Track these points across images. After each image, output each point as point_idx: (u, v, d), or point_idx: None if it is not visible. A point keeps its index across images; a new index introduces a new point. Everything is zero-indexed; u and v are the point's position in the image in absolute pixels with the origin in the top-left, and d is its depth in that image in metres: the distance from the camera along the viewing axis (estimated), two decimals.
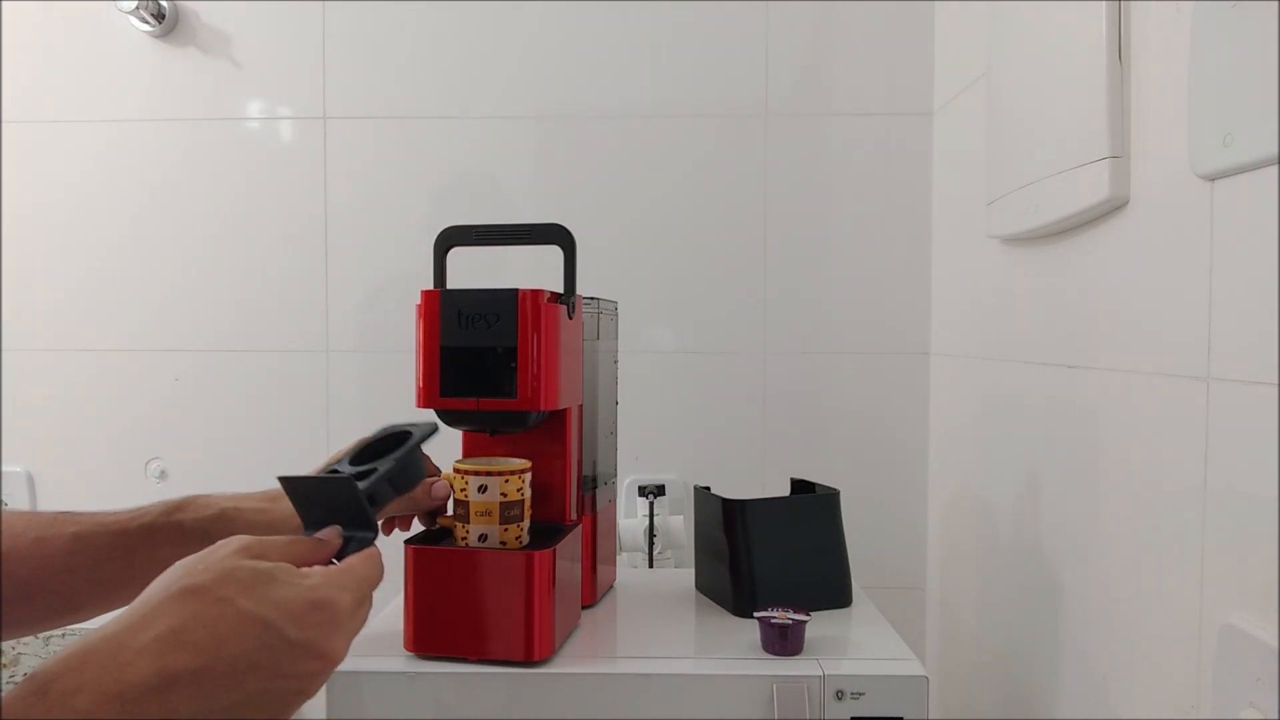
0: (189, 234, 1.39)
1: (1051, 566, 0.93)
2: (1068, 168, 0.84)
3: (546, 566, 0.82)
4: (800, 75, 1.35)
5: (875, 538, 1.35)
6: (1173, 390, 0.71)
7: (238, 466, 1.39)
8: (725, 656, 0.85)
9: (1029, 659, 0.99)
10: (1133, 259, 0.77)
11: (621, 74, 1.36)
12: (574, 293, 0.91)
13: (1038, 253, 0.97)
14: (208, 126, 1.38)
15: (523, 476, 0.85)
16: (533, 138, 1.37)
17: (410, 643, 0.83)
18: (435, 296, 0.86)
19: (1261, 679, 0.58)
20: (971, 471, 1.18)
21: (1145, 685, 0.75)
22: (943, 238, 1.31)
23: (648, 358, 1.36)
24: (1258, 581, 0.60)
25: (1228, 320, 0.64)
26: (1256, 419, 0.60)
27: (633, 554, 1.31)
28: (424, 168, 1.37)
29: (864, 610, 1.02)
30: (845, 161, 1.35)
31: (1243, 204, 0.62)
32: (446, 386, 0.85)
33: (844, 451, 1.36)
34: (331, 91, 1.37)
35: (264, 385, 1.39)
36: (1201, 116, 0.65)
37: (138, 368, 1.39)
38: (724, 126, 1.35)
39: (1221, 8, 0.62)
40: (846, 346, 1.36)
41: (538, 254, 0.96)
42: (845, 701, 0.80)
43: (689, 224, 1.36)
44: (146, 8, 1.32)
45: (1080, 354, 0.87)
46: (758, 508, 1.00)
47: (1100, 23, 0.79)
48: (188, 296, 1.39)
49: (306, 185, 1.38)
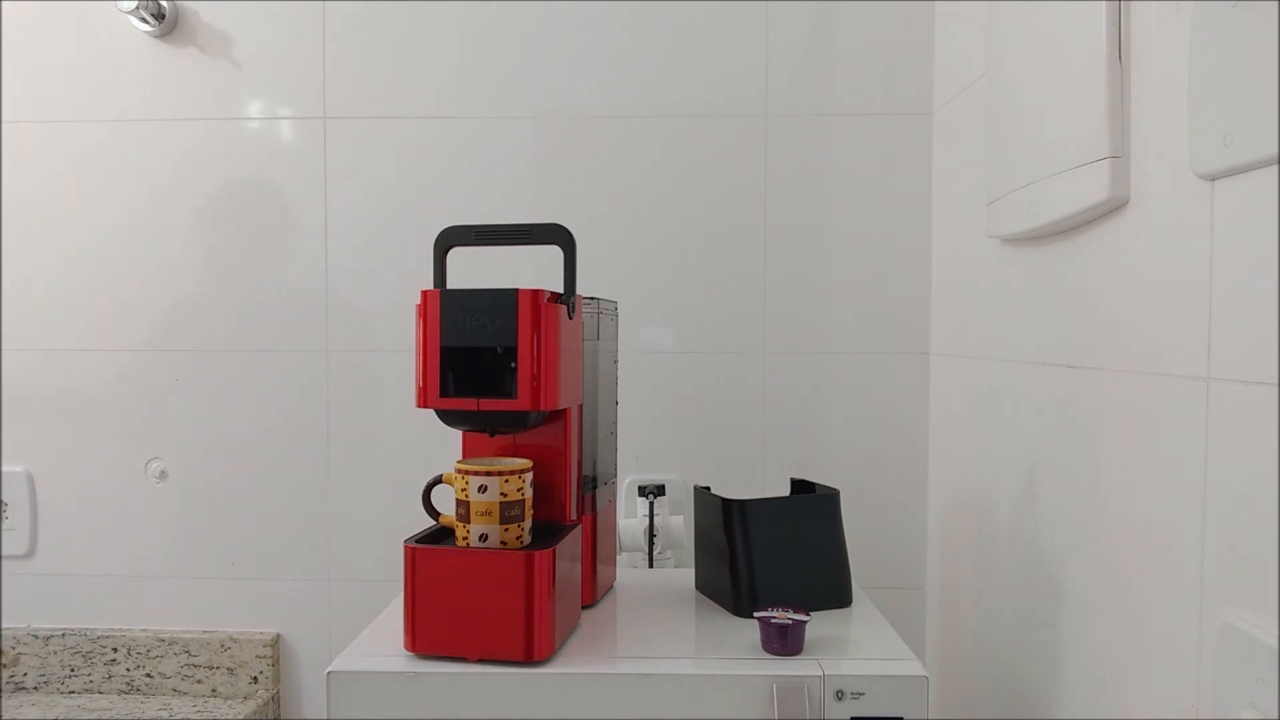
0: (189, 234, 1.39)
1: (1051, 566, 0.93)
2: (1068, 168, 0.84)
3: (546, 566, 0.82)
4: (800, 75, 1.35)
5: (875, 538, 1.35)
6: (1173, 390, 0.71)
7: (238, 467, 1.39)
8: (725, 656, 0.85)
9: (1029, 659, 0.99)
10: (1133, 259, 0.77)
11: (621, 74, 1.36)
12: (574, 293, 0.91)
13: (1038, 253, 0.97)
14: (208, 126, 1.38)
15: (523, 476, 0.85)
16: (532, 138, 1.37)
17: (410, 643, 0.84)
18: (435, 296, 0.86)
19: (1261, 679, 0.58)
20: (971, 471, 1.18)
21: (1145, 685, 0.75)
22: (943, 238, 1.31)
23: (648, 358, 1.36)
24: (1258, 581, 0.60)
25: (1228, 320, 0.64)
26: (1256, 419, 0.60)
27: (633, 554, 1.31)
28: (424, 168, 1.37)
29: (864, 610, 1.02)
30: (845, 161, 1.35)
31: (1243, 204, 0.62)
32: (446, 386, 0.86)
33: (844, 451, 1.36)
34: (331, 91, 1.37)
35: (264, 385, 1.39)
36: (1201, 116, 0.65)
37: (138, 368, 1.39)
38: (724, 126, 1.35)
39: (1221, 8, 0.62)
40: (846, 346, 1.36)
41: (538, 254, 0.96)
42: (845, 701, 0.80)
43: (689, 224, 1.36)
44: (146, 8, 1.32)
45: (1080, 354, 0.87)
46: (758, 508, 1.00)
47: (1100, 23, 0.79)
48: (188, 296, 1.39)
49: (306, 185, 1.38)
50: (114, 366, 1.39)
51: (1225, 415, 0.64)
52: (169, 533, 1.40)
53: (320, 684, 1.38)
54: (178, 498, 1.39)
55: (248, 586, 1.39)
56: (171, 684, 1.38)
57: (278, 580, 1.39)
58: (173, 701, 1.36)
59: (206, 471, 1.39)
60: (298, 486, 1.39)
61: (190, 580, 1.40)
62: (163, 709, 1.33)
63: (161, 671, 1.38)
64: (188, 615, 1.40)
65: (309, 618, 1.40)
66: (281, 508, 1.39)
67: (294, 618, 1.40)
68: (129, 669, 1.38)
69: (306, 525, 1.39)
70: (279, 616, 1.40)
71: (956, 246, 1.25)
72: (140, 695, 1.38)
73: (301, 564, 1.39)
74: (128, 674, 1.38)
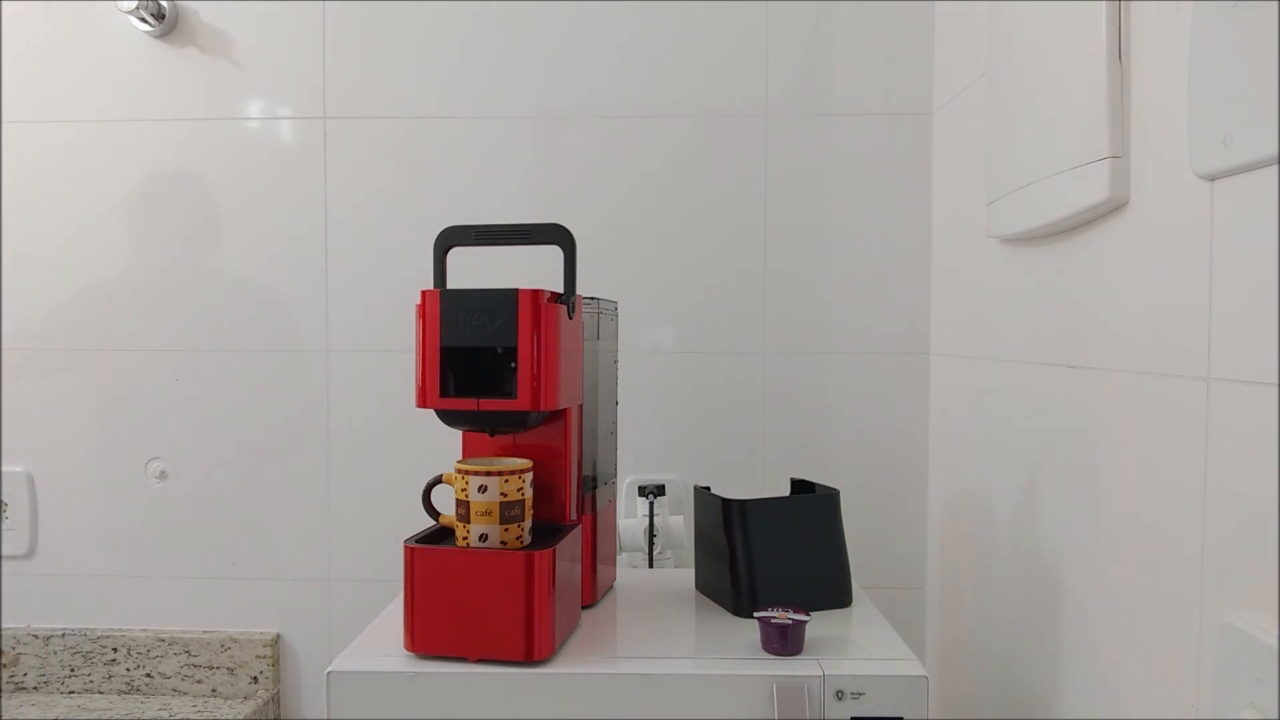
0: (189, 234, 1.39)
1: (1051, 566, 0.93)
2: (1068, 168, 0.84)
3: (546, 566, 0.82)
4: (800, 75, 1.35)
5: (875, 538, 1.35)
6: (1173, 390, 0.71)
7: (238, 467, 1.39)
8: (725, 656, 0.85)
9: (1029, 659, 0.99)
10: (1133, 259, 0.77)
11: (621, 74, 1.36)
12: (574, 293, 0.91)
13: (1038, 253, 0.97)
14: (208, 126, 1.38)
15: (523, 476, 0.85)
16: (532, 138, 1.37)
17: (410, 643, 0.84)
18: (435, 296, 0.86)
19: (1261, 679, 0.58)
20: (971, 471, 1.18)
21: (1145, 685, 0.75)
22: (943, 238, 1.31)
23: (648, 358, 1.36)
24: (1258, 581, 0.60)
25: (1228, 320, 0.64)
26: (1256, 419, 0.60)
27: (633, 554, 1.31)
28: (424, 168, 1.37)
29: (864, 610, 1.02)
30: (845, 161, 1.35)
31: (1243, 204, 0.62)
32: (446, 386, 0.86)
33: (844, 451, 1.36)
34: (331, 91, 1.37)
35: (264, 385, 1.39)
36: (1201, 116, 0.65)
37: (138, 368, 1.39)
38: (724, 126, 1.35)
39: (1221, 8, 0.62)
40: (846, 346, 1.36)
41: (538, 254, 0.96)
42: (845, 701, 0.80)
43: (689, 224, 1.36)
44: (146, 8, 1.32)
45: (1080, 354, 0.87)
46: (758, 508, 1.00)
47: (1100, 23, 0.79)
48: (188, 296, 1.39)
49: (306, 185, 1.38)
50: (114, 366, 1.39)
51: (1225, 415, 0.64)
52: (169, 533, 1.40)
53: (320, 684, 1.38)
54: (178, 498, 1.39)
55: (248, 586, 1.39)
56: (171, 684, 1.38)
57: (278, 580, 1.39)
58: (173, 701, 1.36)
59: (206, 471, 1.39)
60: (298, 486, 1.39)
61: (190, 580, 1.40)
62: (163, 709, 1.33)
63: (161, 671, 1.38)
64: (188, 615, 1.40)
65: (309, 618, 1.40)
66: (281, 508, 1.39)
67: (294, 618, 1.40)
68: (129, 669, 1.38)
69: (306, 525, 1.39)
70: (279, 616, 1.40)
71: (956, 246, 1.25)
72: (140, 695, 1.38)
73: (301, 564, 1.39)
74: (128, 674, 1.38)
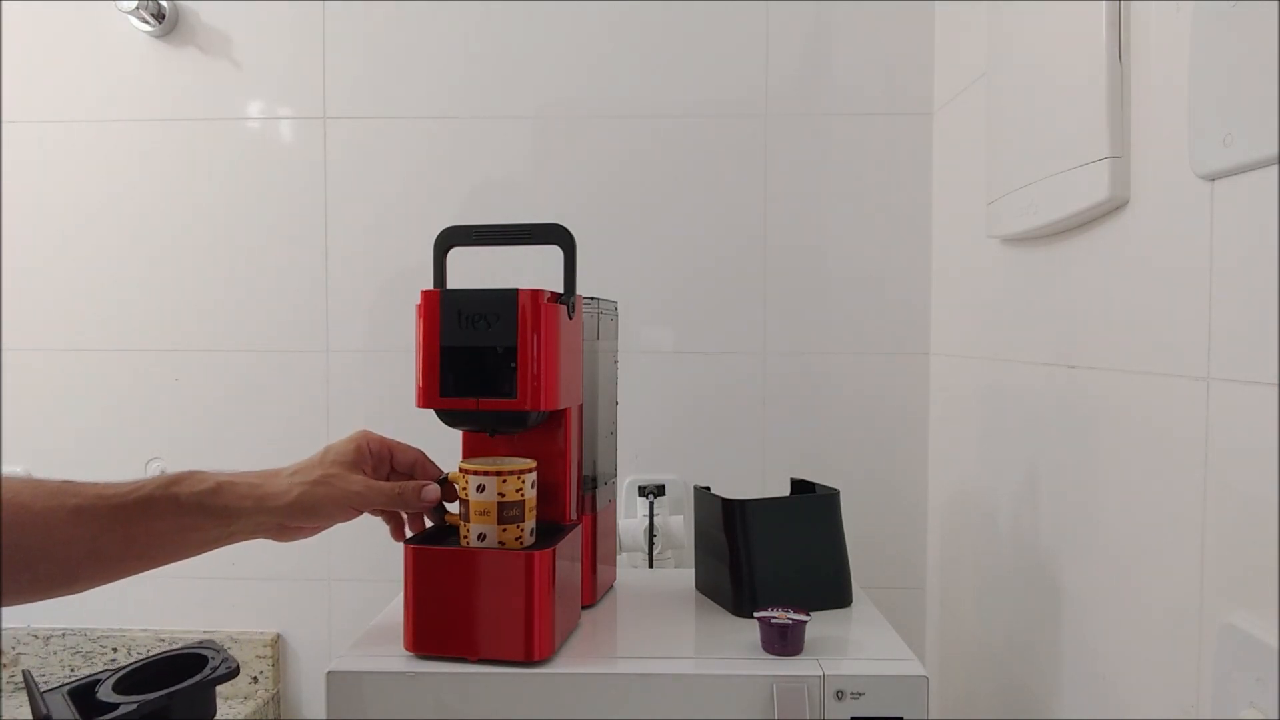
0: (189, 234, 1.39)
1: (1051, 566, 0.93)
2: (1068, 168, 0.84)
3: (546, 566, 0.82)
4: (800, 75, 1.35)
5: (875, 538, 1.35)
6: (1173, 390, 0.71)
7: (238, 466, 1.39)
8: (725, 656, 0.85)
9: (1029, 659, 0.99)
10: (1133, 259, 0.77)
11: (621, 74, 1.36)
12: (574, 293, 0.91)
13: (1038, 253, 0.97)
14: (208, 126, 1.38)
15: (523, 477, 0.85)
16: (532, 137, 1.37)
17: (410, 643, 0.84)
18: (435, 296, 0.86)
19: (1261, 679, 0.58)
20: (971, 471, 1.18)
21: (1145, 685, 0.75)
22: (943, 238, 1.31)
23: (648, 358, 1.36)
24: (1258, 581, 0.60)
25: (1228, 320, 0.64)
26: (1256, 419, 0.60)
27: (633, 554, 1.31)
28: (424, 168, 1.37)
29: (864, 610, 1.02)
30: (845, 161, 1.35)
31: (1243, 204, 0.62)
32: (446, 386, 0.85)
33: (844, 451, 1.36)
34: (331, 91, 1.37)
35: (264, 385, 1.39)
36: (1201, 116, 0.65)
37: (137, 368, 1.39)
38: (724, 126, 1.35)
39: (1221, 8, 0.62)
40: (846, 346, 1.36)
41: (538, 254, 0.96)
42: (845, 701, 0.80)
43: (689, 224, 1.36)
44: (146, 8, 1.32)
45: (1080, 354, 0.87)
46: (758, 508, 1.00)
47: (1100, 23, 0.79)
48: (188, 296, 1.39)
49: (306, 185, 1.38)
50: (114, 366, 1.39)
51: (1225, 415, 0.64)
52: None
53: (320, 684, 1.38)
54: None
55: (248, 586, 1.39)
56: None
57: (278, 580, 1.39)
58: None
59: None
60: None
61: (190, 580, 1.40)
62: None
63: None
64: (188, 615, 1.40)
65: (309, 618, 1.40)
66: None
67: (294, 618, 1.40)
68: None
69: None
70: (279, 616, 1.40)
71: (956, 246, 1.25)
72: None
73: (301, 564, 1.39)
74: None
